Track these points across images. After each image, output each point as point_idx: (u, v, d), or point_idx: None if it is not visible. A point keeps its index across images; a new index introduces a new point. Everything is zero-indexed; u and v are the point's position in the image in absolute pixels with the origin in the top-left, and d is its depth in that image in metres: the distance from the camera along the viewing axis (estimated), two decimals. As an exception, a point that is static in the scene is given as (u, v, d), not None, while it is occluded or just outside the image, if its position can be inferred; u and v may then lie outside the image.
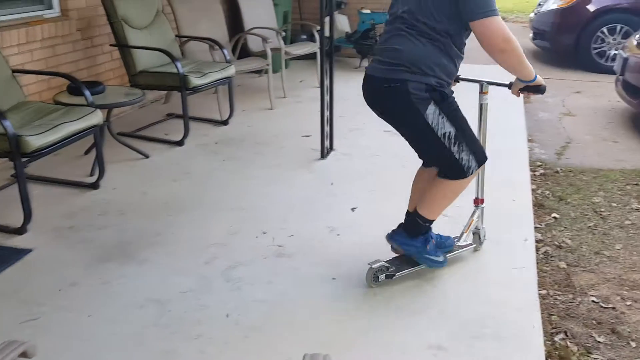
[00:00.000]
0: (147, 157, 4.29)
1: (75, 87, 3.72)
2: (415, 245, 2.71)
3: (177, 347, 2.30)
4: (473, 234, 2.97)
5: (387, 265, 2.70)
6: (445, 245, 2.86)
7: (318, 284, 2.73)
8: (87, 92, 3.57)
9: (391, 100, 2.48)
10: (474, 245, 2.97)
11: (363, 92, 2.59)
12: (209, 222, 3.33)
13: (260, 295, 2.63)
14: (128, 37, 4.49)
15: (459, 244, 2.91)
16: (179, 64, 4.33)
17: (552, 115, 5.78)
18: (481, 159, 2.57)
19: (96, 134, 3.56)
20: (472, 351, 2.27)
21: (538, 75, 2.49)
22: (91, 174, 3.94)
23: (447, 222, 3.07)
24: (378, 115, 2.62)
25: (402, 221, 2.79)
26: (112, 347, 2.31)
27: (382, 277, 2.68)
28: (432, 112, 2.41)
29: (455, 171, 2.54)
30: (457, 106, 2.52)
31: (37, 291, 2.66)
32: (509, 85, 2.65)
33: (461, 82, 2.76)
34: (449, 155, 2.49)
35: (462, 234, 2.93)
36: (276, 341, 2.34)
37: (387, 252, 2.88)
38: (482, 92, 2.77)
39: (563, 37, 7.90)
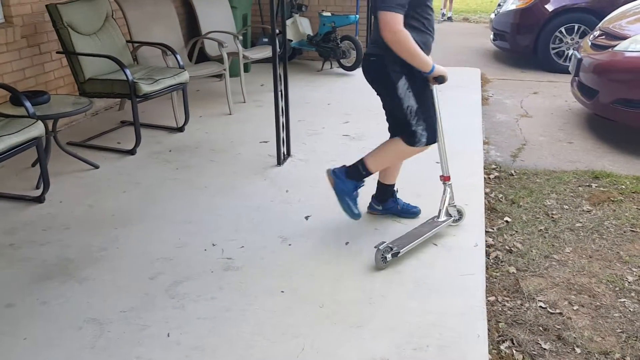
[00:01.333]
0: (96, 167, 4.18)
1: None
2: (346, 185, 3.11)
3: (114, 369, 2.23)
4: (453, 208, 3.23)
5: (391, 245, 2.91)
6: (410, 212, 3.38)
7: (264, 298, 2.67)
8: (27, 103, 3.45)
9: (374, 72, 2.95)
10: (453, 218, 3.24)
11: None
12: (157, 235, 3.25)
13: (204, 312, 2.57)
14: (75, 43, 4.38)
15: (439, 219, 3.17)
16: (127, 71, 4.22)
17: (510, 116, 5.80)
18: (431, 139, 2.98)
19: (39, 146, 3.44)
20: (414, 365, 2.25)
21: (437, 67, 2.85)
22: (37, 187, 3.82)
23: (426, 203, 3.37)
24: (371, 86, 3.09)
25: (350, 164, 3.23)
26: (46, 371, 2.23)
27: (389, 256, 2.88)
28: (402, 84, 2.86)
29: (408, 137, 2.96)
30: (429, 93, 2.97)
31: (-30, 314, 2.56)
32: None
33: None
34: (408, 124, 2.93)
35: (439, 211, 3.19)
36: (217, 360, 2.28)
37: (337, 261, 2.82)
38: None
39: (522, 37, 7.93)
